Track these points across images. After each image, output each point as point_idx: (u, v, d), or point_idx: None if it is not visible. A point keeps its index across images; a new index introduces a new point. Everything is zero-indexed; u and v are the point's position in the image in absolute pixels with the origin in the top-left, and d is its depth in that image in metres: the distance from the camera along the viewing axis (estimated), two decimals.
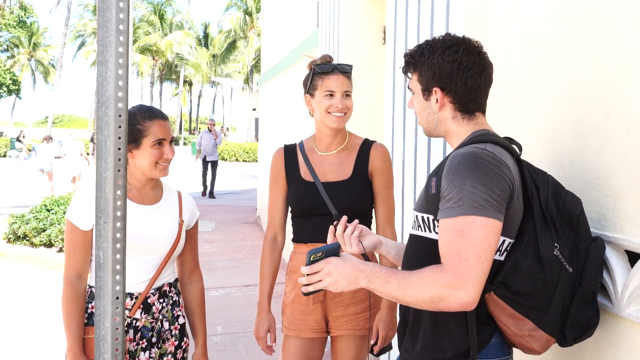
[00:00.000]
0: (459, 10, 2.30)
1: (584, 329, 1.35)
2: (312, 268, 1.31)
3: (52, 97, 35.67)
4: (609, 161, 1.43)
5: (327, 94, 2.04)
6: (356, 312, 2.08)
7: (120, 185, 1.13)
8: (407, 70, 1.48)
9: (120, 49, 1.11)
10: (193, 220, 2.06)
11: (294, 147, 2.21)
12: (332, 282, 1.29)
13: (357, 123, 4.18)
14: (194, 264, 2.09)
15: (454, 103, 1.40)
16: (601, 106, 1.46)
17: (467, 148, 1.29)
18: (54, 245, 6.68)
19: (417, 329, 1.38)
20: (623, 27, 1.39)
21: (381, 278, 1.26)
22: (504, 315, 1.30)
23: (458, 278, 1.17)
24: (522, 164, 1.35)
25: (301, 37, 6.15)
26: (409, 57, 1.45)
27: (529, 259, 1.27)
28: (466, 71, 1.37)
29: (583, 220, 1.36)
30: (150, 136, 1.83)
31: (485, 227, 1.19)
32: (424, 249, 1.38)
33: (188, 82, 47.30)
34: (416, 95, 1.46)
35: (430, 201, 1.34)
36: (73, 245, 1.85)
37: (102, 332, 1.15)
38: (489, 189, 1.21)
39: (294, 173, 2.14)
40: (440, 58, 1.37)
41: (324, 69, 2.05)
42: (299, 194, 2.11)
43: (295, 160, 2.16)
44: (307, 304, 2.09)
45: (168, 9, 43.48)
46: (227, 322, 4.49)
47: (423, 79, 1.41)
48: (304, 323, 2.10)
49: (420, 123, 1.49)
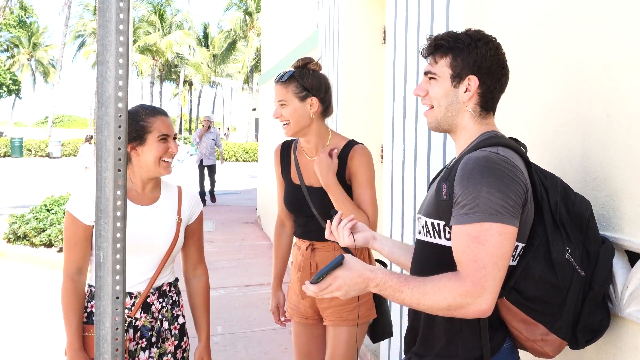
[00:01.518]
0: (459, 10, 2.30)
1: (595, 332, 1.35)
2: (320, 287, 1.29)
3: (52, 97, 35.70)
4: (609, 161, 1.43)
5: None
6: (340, 304, 2.12)
7: (120, 185, 1.13)
8: (434, 53, 1.39)
9: (120, 49, 1.11)
10: (195, 215, 2.05)
11: (289, 145, 2.28)
12: (344, 294, 1.28)
13: (357, 123, 4.19)
14: (198, 258, 2.08)
15: (481, 97, 1.37)
16: (601, 106, 1.45)
17: (479, 152, 1.26)
18: (54, 245, 6.68)
19: (430, 336, 1.37)
20: (623, 27, 1.39)
21: (393, 287, 1.23)
22: (516, 320, 1.29)
23: (477, 287, 1.16)
24: (531, 166, 1.33)
25: (301, 37, 6.15)
26: (440, 40, 1.39)
27: (540, 263, 1.26)
28: (502, 69, 1.38)
29: (593, 223, 1.35)
30: (154, 132, 1.84)
31: (501, 234, 1.18)
32: (435, 255, 1.35)
33: (188, 82, 47.30)
34: (441, 80, 1.38)
35: (441, 207, 1.31)
36: (74, 239, 1.84)
37: (102, 332, 1.15)
38: (505, 195, 1.19)
39: (286, 174, 2.24)
40: (484, 49, 1.34)
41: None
42: (288, 195, 2.23)
43: (288, 161, 2.25)
44: (299, 293, 2.20)
45: (168, 9, 43.50)
46: (227, 322, 4.50)
47: (458, 64, 1.35)
48: (298, 310, 2.26)
49: (437, 111, 1.41)
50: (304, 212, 2.17)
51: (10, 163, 24.92)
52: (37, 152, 29.13)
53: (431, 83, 1.40)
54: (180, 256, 2.08)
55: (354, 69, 4.15)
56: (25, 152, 28.90)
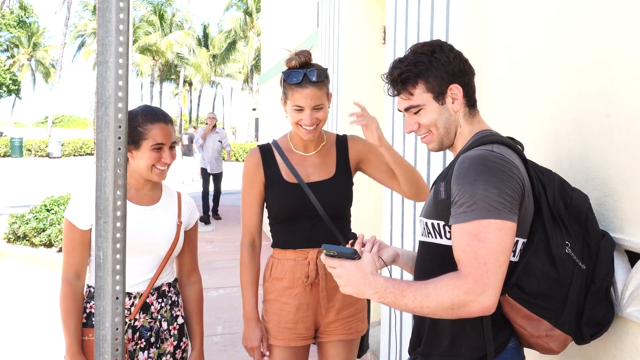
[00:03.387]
0: (459, 10, 2.30)
1: (600, 325, 1.35)
2: (327, 262, 1.32)
3: (52, 97, 35.69)
4: (609, 161, 1.43)
5: (296, 108, 1.91)
6: (349, 315, 2.03)
7: (120, 185, 1.13)
8: (406, 87, 1.40)
9: (120, 49, 1.11)
10: (192, 221, 2.06)
11: (269, 147, 2.07)
12: (341, 285, 1.29)
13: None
14: (193, 266, 2.09)
15: (466, 97, 1.40)
16: (601, 106, 1.45)
17: (475, 151, 1.28)
18: (54, 245, 6.68)
19: (434, 336, 1.37)
20: (623, 27, 1.39)
21: (395, 293, 1.23)
22: (519, 317, 1.29)
23: (478, 283, 1.16)
24: (528, 162, 1.34)
25: (301, 37, 6.15)
26: (402, 74, 1.38)
27: (541, 259, 1.27)
28: (465, 62, 1.41)
29: (591, 216, 1.36)
30: (149, 140, 1.82)
31: (500, 230, 1.18)
32: (436, 255, 1.36)
33: (188, 82, 47.29)
34: (427, 107, 1.39)
35: (439, 207, 1.32)
36: (72, 244, 1.85)
37: (102, 332, 1.15)
38: (501, 191, 1.20)
39: (274, 176, 2.02)
40: (444, 56, 1.37)
41: (292, 80, 1.88)
42: (285, 196, 1.99)
43: (273, 162, 2.03)
44: (296, 312, 1.99)
45: (168, 9, 43.50)
46: (227, 322, 4.49)
47: (435, 83, 1.37)
48: (294, 331, 2.00)
49: (437, 133, 1.41)
50: (306, 212, 1.97)
51: (10, 163, 24.92)
52: (37, 152, 29.14)
53: (420, 114, 1.41)
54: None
55: (354, 69, 4.15)
56: (25, 152, 28.91)
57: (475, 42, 2.16)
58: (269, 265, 2.08)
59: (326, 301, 2.00)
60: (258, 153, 2.05)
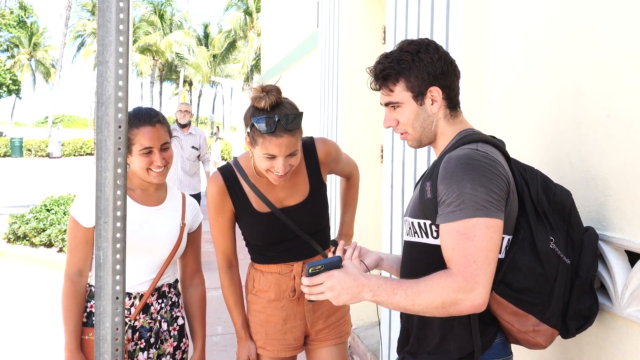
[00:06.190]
0: (459, 10, 2.30)
1: (585, 319, 1.36)
2: (312, 281, 1.29)
3: (52, 97, 35.71)
4: (609, 161, 1.43)
5: (267, 156, 1.72)
6: (337, 320, 2.04)
7: (120, 185, 1.13)
8: (385, 83, 1.41)
9: (120, 49, 1.11)
10: (196, 223, 2.05)
11: (231, 172, 1.90)
12: (335, 296, 1.28)
13: (357, 123, 4.19)
14: (196, 268, 2.08)
15: (447, 100, 1.40)
16: (601, 106, 1.46)
17: (460, 150, 1.29)
18: (54, 245, 6.68)
19: (423, 334, 1.38)
20: (623, 27, 1.39)
21: (387, 290, 1.23)
22: (506, 313, 1.30)
23: (469, 281, 1.17)
24: (511, 160, 1.36)
25: (301, 37, 6.16)
26: (384, 69, 1.39)
27: (526, 254, 1.28)
28: (450, 64, 1.40)
29: (574, 211, 1.38)
30: (137, 145, 1.80)
31: (489, 228, 1.19)
32: (423, 255, 1.37)
33: (188, 82, 47.33)
34: (405, 105, 1.40)
35: (426, 206, 1.32)
36: (75, 241, 1.85)
37: (102, 332, 1.15)
38: (488, 189, 1.21)
39: (244, 205, 1.88)
40: (428, 57, 1.36)
41: (264, 129, 1.67)
42: (259, 227, 1.88)
43: (240, 190, 1.88)
44: (284, 324, 1.95)
45: (168, 9, 43.51)
46: (227, 322, 4.49)
47: (415, 83, 1.37)
48: (282, 342, 1.96)
49: (413, 133, 1.43)
50: (285, 237, 1.89)
51: (10, 163, 24.92)
52: (37, 152, 29.14)
53: (397, 111, 1.42)
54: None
55: (354, 69, 4.15)
56: (25, 152, 28.91)
57: (475, 42, 2.16)
58: (250, 276, 2.03)
59: (311, 314, 1.98)
60: (221, 180, 1.88)
